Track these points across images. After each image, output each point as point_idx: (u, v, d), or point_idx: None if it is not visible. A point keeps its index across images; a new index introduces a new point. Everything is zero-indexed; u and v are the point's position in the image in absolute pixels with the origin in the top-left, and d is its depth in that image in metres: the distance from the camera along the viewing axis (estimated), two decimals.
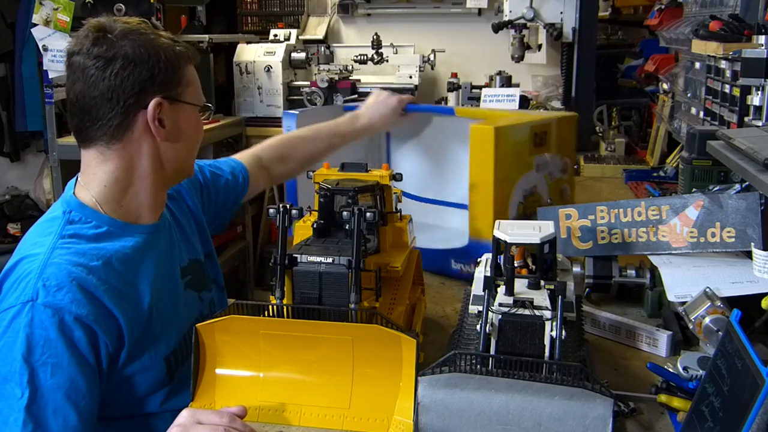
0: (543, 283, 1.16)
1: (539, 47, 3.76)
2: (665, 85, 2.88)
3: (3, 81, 4.22)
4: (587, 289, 1.57)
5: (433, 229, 2.03)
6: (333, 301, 1.15)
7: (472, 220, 1.70)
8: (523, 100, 3.34)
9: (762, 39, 1.71)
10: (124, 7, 3.17)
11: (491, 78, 3.63)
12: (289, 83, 4.18)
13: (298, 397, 1.10)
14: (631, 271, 1.56)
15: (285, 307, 1.09)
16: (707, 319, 1.28)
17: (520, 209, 1.72)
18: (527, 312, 1.09)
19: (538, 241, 1.14)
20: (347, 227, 1.19)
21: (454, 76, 4.05)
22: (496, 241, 1.17)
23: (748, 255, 1.42)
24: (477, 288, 1.23)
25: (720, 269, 1.41)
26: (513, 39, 3.42)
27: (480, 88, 3.64)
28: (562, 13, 3.26)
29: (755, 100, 1.69)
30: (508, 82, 3.55)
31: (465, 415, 1.01)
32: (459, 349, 1.16)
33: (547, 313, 1.08)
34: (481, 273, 1.26)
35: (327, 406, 1.09)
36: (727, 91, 1.92)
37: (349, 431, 1.08)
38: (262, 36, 4.63)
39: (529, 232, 1.16)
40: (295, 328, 1.09)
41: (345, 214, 1.19)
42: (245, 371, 1.13)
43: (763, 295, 1.27)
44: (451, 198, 2.08)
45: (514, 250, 1.16)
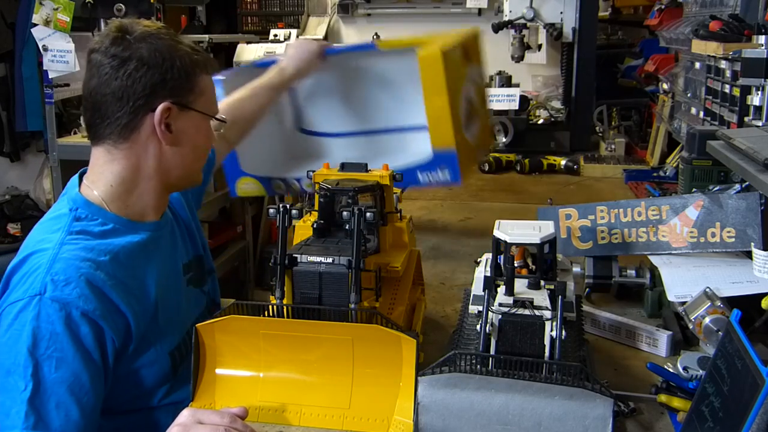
0: (543, 283, 1.16)
1: (539, 47, 3.75)
2: (665, 85, 2.88)
3: (3, 81, 4.22)
4: (587, 289, 1.57)
5: (391, 153, 2.07)
6: (333, 301, 1.15)
7: (433, 133, 1.77)
8: (523, 100, 3.34)
9: (762, 39, 1.71)
10: (124, 7, 3.16)
11: (491, 78, 3.63)
12: None
13: (298, 397, 1.11)
14: (631, 271, 1.55)
15: (285, 307, 1.09)
16: (707, 319, 1.28)
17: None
18: (527, 312, 1.09)
19: (538, 241, 1.14)
20: (347, 227, 1.19)
21: None
22: (496, 241, 1.17)
23: (748, 255, 1.42)
24: (477, 288, 1.23)
25: (720, 269, 1.41)
26: (513, 39, 3.42)
27: None
28: (562, 13, 3.26)
29: (755, 100, 1.69)
30: (508, 82, 3.54)
31: (465, 415, 1.01)
32: (459, 349, 1.16)
33: (547, 313, 1.08)
34: (481, 273, 1.26)
35: (327, 406, 1.09)
36: (727, 91, 1.92)
37: (349, 431, 1.08)
38: (262, 36, 4.63)
39: (529, 232, 1.16)
40: (295, 328, 1.09)
41: (345, 214, 1.19)
42: (245, 371, 1.13)
43: (763, 295, 1.27)
44: (403, 123, 2.13)
45: (514, 250, 1.16)
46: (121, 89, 1.24)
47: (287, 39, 4.31)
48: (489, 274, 1.17)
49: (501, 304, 1.10)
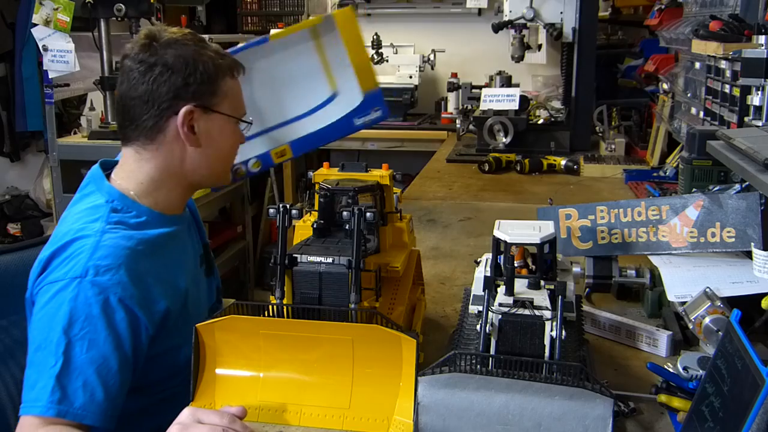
0: (543, 283, 1.16)
1: (539, 47, 3.76)
2: (665, 85, 2.88)
3: (3, 81, 4.23)
4: (587, 289, 1.57)
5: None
6: (333, 301, 1.15)
7: (361, 79, 1.88)
8: (523, 100, 3.35)
9: (762, 39, 1.71)
10: (124, 7, 3.16)
11: (491, 78, 3.64)
12: None
13: (298, 397, 1.10)
14: (631, 271, 1.55)
15: (285, 307, 1.09)
16: (707, 319, 1.28)
17: None
18: (527, 312, 1.09)
19: (538, 241, 1.14)
20: (347, 227, 1.19)
21: (454, 76, 4.06)
22: (496, 241, 1.17)
23: (748, 255, 1.42)
24: (477, 288, 1.23)
25: (720, 269, 1.41)
26: (513, 39, 3.42)
27: (480, 88, 3.65)
28: (562, 13, 3.26)
29: (755, 100, 1.69)
30: (508, 82, 3.55)
31: (465, 415, 1.01)
32: (459, 349, 1.16)
33: (547, 313, 1.08)
34: (481, 273, 1.26)
35: (327, 406, 1.09)
36: (727, 91, 1.92)
37: (349, 431, 1.08)
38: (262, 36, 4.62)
39: (529, 232, 1.16)
40: (295, 328, 1.09)
41: (345, 214, 1.19)
42: (245, 371, 1.13)
43: (763, 295, 1.27)
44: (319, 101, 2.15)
45: (514, 250, 1.16)
46: (147, 93, 1.31)
47: None
48: (489, 274, 1.17)
49: (501, 304, 1.10)
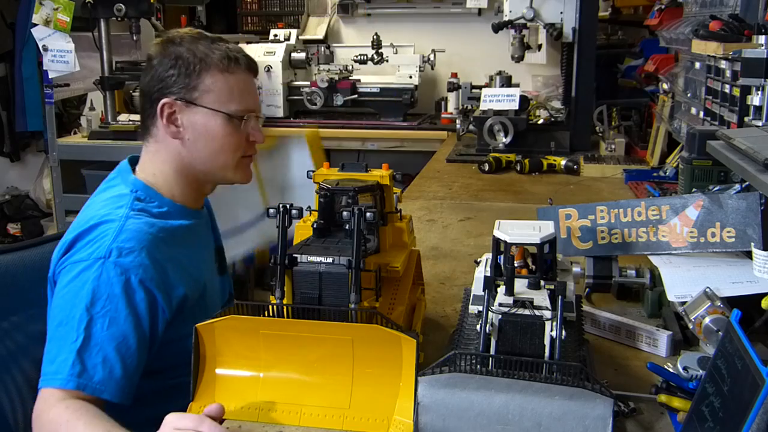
0: (543, 283, 1.16)
1: (539, 47, 3.75)
2: (665, 85, 2.88)
3: (3, 81, 4.23)
4: (587, 289, 1.57)
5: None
6: (333, 301, 1.15)
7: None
8: (523, 100, 3.35)
9: (762, 39, 1.71)
10: (124, 7, 3.16)
11: (491, 78, 3.63)
12: (289, 83, 4.19)
13: (298, 397, 1.10)
14: (631, 271, 1.55)
15: (285, 307, 1.09)
16: (707, 319, 1.28)
17: None
18: (527, 312, 1.09)
19: (538, 241, 1.14)
20: (347, 227, 1.19)
21: (454, 76, 4.05)
22: (496, 241, 1.17)
23: (748, 255, 1.42)
24: (477, 288, 1.23)
25: (720, 269, 1.41)
26: (513, 39, 3.42)
27: (480, 88, 3.65)
28: (562, 13, 3.26)
29: (755, 100, 1.69)
30: (508, 82, 3.54)
31: (465, 415, 1.01)
32: (459, 349, 1.16)
33: (547, 313, 1.08)
34: (481, 273, 1.26)
35: (327, 406, 1.09)
36: (727, 91, 1.92)
37: (349, 431, 1.08)
38: (262, 36, 4.63)
39: (529, 232, 1.15)
40: (295, 328, 1.09)
41: (345, 214, 1.19)
42: (245, 371, 1.13)
43: (763, 295, 1.27)
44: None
45: (514, 250, 1.16)
46: (144, 88, 1.42)
47: (287, 39, 4.31)
48: (489, 274, 1.17)
49: (501, 304, 1.10)
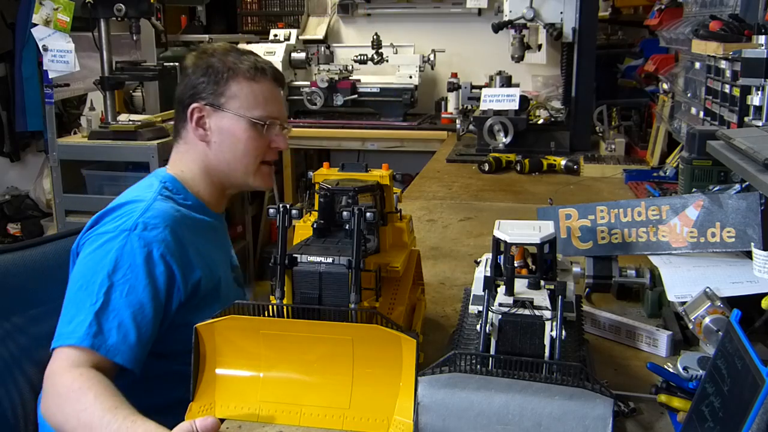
0: (543, 283, 1.16)
1: (539, 47, 3.76)
2: (665, 85, 2.88)
3: (3, 81, 4.23)
4: (587, 289, 1.57)
5: None
6: (333, 301, 1.15)
7: None
8: (523, 100, 3.35)
9: (762, 39, 1.71)
10: (124, 7, 3.16)
11: (491, 78, 3.63)
12: (289, 83, 4.19)
13: (298, 397, 1.10)
14: (631, 271, 1.55)
15: (285, 307, 1.09)
16: (707, 319, 1.28)
17: None
18: (527, 312, 1.09)
19: (538, 241, 1.14)
20: (347, 227, 1.19)
21: (454, 76, 4.06)
22: (496, 241, 1.17)
23: (748, 255, 1.42)
24: (477, 288, 1.23)
25: (720, 269, 1.41)
26: (513, 39, 3.42)
27: (480, 88, 3.65)
28: (562, 13, 3.26)
29: (755, 100, 1.69)
30: (508, 82, 3.55)
31: (465, 415, 1.01)
32: (459, 349, 1.16)
33: (547, 313, 1.08)
34: (481, 273, 1.26)
35: (327, 406, 1.09)
36: (727, 91, 1.92)
37: (349, 431, 1.08)
38: (262, 36, 4.63)
39: (529, 232, 1.15)
40: (295, 328, 1.09)
41: (345, 214, 1.19)
42: (245, 371, 1.13)
43: (763, 295, 1.27)
44: None
45: (514, 250, 1.16)
46: (177, 95, 1.55)
47: (287, 39, 4.31)
48: (489, 274, 1.16)
49: (501, 304, 1.10)
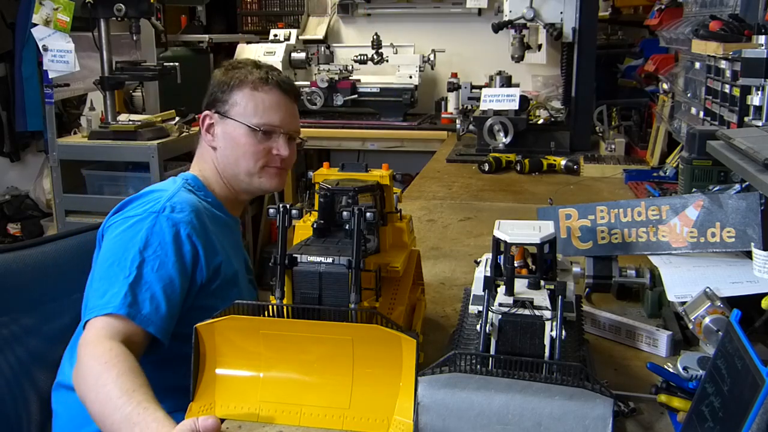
0: (543, 283, 1.16)
1: (539, 47, 3.76)
2: (665, 85, 2.88)
3: (3, 81, 4.22)
4: (587, 289, 1.57)
5: None
6: (333, 301, 1.15)
7: None
8: (523, 100, 3.35)
9: (762, 39, 1.71)
10: (124, 7, 3.16)
11: (491, 78, 3.63)
12: None
13: (298, 397, 1.10)
14: (631, 271, 1.55)
15: (285, 307, 1.09)
16: (707, 319, 1.28)
17: None
18: (527, 312, 1.09)
19: (538, 241, 1.14)
20: (347, 227, 1.19)
21: (454, 76, 4.06)
22: (496, 241, 1.17)
23: (748, 255, 1.42)
24: (477, 288, 1.23)
25: (720, 269, 1.41)
26: (513, 39, 3.42)
27: (480, 88, 3.65)
28: (562, 13, 3.26)
29: (755, 100, 1.69)
30: (508, 82, 3.55)
31: (465, 415, 1.01)
32: (459, 349, 1.16)
33: (547, 313, 1.08)
34: (481, 273, 1.26)
35: (327, 406, 1.09)
36: (727, 91, 1.92)
37: (349, 431, 1.08)
38: (262, 36, 4.63)
39: (529, 232, 1.15)
40: (295, 328, 1.09)
41: (345, 214, 1.19)
42: (245, 371, 1.13)
43: (763, 295, 1.27)
44: None
45: (514, 250, 1.16)
46: (203, 106, 1.68)
47: (287, 39, 4.31)
48: (489, 274, 1.17)
49: (501, 304, 1.10)
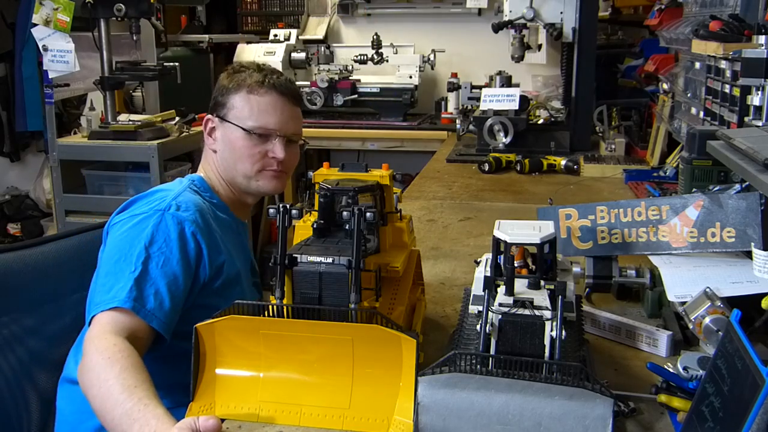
0: (543, 283, 1.16)
1: (539, 47, 3.76)
2: (665, 85, 2.88)
3: (3, 81, 4.22)
4: (587, 289, 1.57)
5: None
6: (333, 301, 1.15)
7: None
8: (523, 100, 3.35)
9: (762, 39, 1.71)
10: (124, 7, 3.16)
11: (491, 78, 3.63)
12: None
13: (298, 397, 1.11)
14: (631, 271, 1.55)
15: (285, 307, 1.09)
16: (707, 319, 1.28)
17: None
18: (527, 312, 1.09)
19: (538, 241, 1.14)
20: (347, 227, 1.19)
21: (454, 76, 4.06)
22: (496, 241, 1.17)
23: (748, 255, 1.42)
24: (477, 288, 1.23)
25: (720, 269, 1.41)
26: (513, 39, 3.42)
27: (480, 88, 3.65)
28: (562, 13, 3.26)
29: (755, 100, 1.69)
30: (508, 82, 3.55)
31: (465, 415, 1.01)
32: (459, 349, 1.16)
33: (547, 313, 1.08)
34: (481, 273, 1.26)
35: (327, 406, 1.09)
36: (727, 91, 1.92)
37: (349, 431, 1.08)
38: (262, 36, 4.63)
39: (529, 232, 1.15)
40: (295, 328, 1.09)
41: (345, 214, 1.19)
42: (245, 371, 1.13)
43: (763, 295, 1.27)
44: None
45: (514, 250, 1.16)
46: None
47: (287, 39, 4.31)
48: (489, 274, 1.17)
49: (501, 304, 1.10)
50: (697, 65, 2.35)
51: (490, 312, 1.09)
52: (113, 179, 3.37)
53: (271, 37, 4.38)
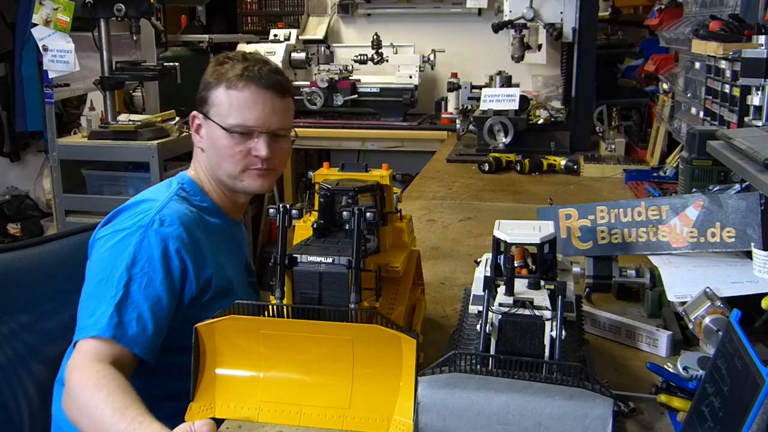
0: (543, 283, 1.16)
1: (539, 47, 3.76)
2: (665, 85, 2.88)
3: (3, 81, 4.22)
4: (587, 289, 1.57)
5: None
6: (333, 301, 1.15)
7: None
8: (523, 100, 3.35)
9: (762, 39, 1.71)
10: (124, 7, 3.16)
11: (491, 78, 3.63)
12: None
13: (298, 397, 1.11)
14: (631, 271, 1.55)
15: (285, 307, 1.09)
16: (707, 319, 1.28)
17: None
18: (527, 312, 1.09)
19: (538, 241, 1.14)
20: (347, 227, 1.19)
21: (454, 76, 4.06)
22: (496, 241, 1.17)
23: (748, 255, 1.42)
24: (477, 288, 1.23)
25: (720, 269, 1.41)
26: (513, 39, 3.42)
27: (480, 88, 3.65)
28: (562, 13, 3.25)
29: (755, 100, 1.69)
30: (508, 82, 3.55)
31: (465, 415, 1.01)
32: (459, 349, 1.16)
33: (547, 313, 1.08)
34: (481, 273, 1.26)
35: (327, 406, 1.09)
36: (727, 91, 1.92)
37: (349, 431, 1.08)
38: (262, 36, 4.63)
39: (529, 232, 1.15)
40: (295, 328, 1.09)
41: (345, 214, 1.19)
42: (245, 371, 1.13)
43: (763, 295, 1.27)
44: None
45: (514, 250, 1.16)
46: None
47: (287, 39, 4.31)
48: (489, 274, 1.17)
49: (501, 304, 1.10)
50: (697, 65, 2.35)
51: (490, 312, 1.09)
52: (113, 179, 3.37)
53: (271, 37, 4.38)
